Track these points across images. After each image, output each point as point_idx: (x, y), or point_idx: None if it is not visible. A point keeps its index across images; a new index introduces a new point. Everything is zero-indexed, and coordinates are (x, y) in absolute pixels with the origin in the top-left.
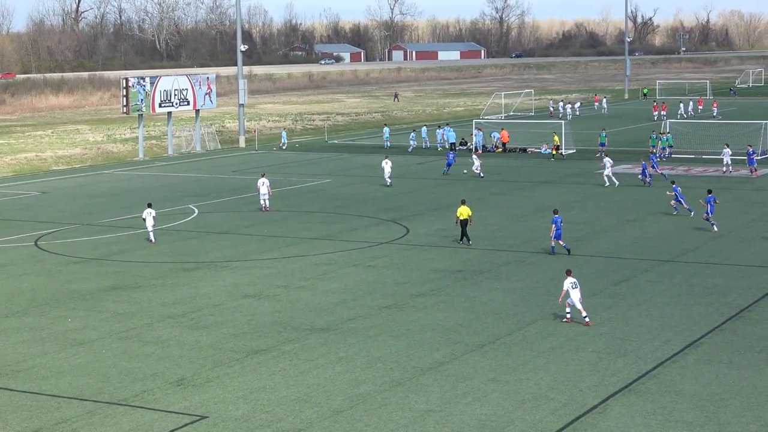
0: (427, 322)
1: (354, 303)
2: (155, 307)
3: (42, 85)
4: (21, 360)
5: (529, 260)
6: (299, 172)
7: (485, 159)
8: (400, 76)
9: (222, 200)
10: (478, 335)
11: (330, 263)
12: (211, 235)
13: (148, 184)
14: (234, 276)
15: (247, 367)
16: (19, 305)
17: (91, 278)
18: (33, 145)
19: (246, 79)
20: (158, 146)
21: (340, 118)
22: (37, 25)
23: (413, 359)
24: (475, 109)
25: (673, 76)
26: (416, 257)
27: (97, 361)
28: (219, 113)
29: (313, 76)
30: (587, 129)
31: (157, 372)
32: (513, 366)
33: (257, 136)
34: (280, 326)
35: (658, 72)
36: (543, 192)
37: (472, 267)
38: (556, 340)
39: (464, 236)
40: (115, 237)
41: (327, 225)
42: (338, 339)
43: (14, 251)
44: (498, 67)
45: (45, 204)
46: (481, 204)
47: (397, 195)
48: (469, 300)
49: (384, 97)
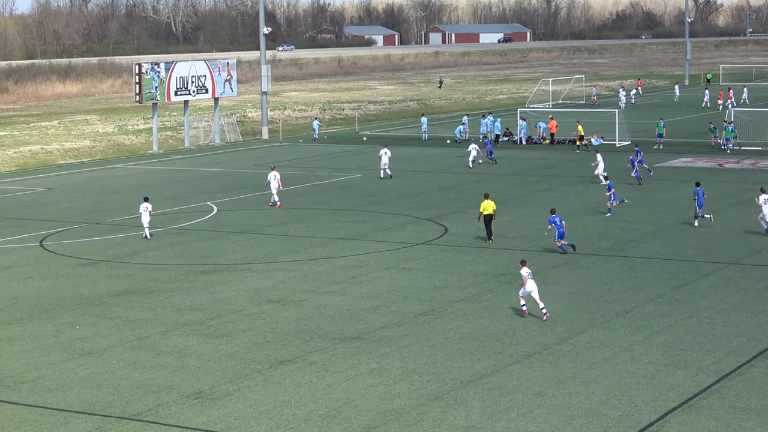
0: (467, 331)
1: (387, 309)
2: (170, 314)
3: (48, 72)
4: (25, 371)
5: (579, 263)
6: (327, 166)
7: (531, 152)
8: (437, 60)
9: (243, 197)
10: (523, 345)
11: (361, 266)
12: (231, 235)
13: (162, 179)
14: (256, 280)
15: (270, 380)
16: (23, 311)
17: (101, 282)
18: (38, 137)
19: (269, 64)
20: (174, 138)
21: (372, 107)
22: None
23: (452, 371)
24: (519, 97)
25: (739, 60)
26: (455, 259)
27: (107, 372)
28: (240, 102)
29: (342, 62)
30: (644, 118)
31: (172, 384)
32: (561, 379)
33: (282, 126)
34: (307, 334)
35: (722, 56)
36: (595, 188)
37: (517, 270)
38: (609, 351)
39: (489, 233)
40: (127, 237)
41: (358, 224)
42: (370, 349)
43: (18, 252)
44: (545, 51)
45: (51, 201)
46: (526, 201)
47: (435, 191)
48: (514, 306)
49: (420, 84)
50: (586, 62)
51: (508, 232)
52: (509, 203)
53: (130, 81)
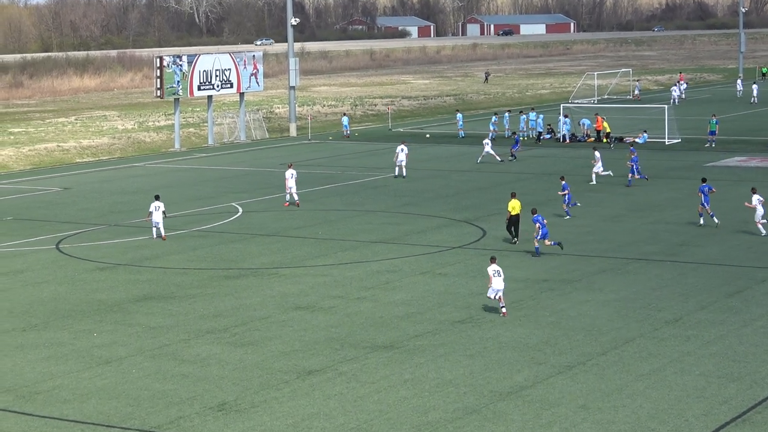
0: (506, 340)
1: (422, 317)
2: (193, 321)
3: (64, 65)
4: (40, 380)
5: (626, 268)
6: (359, 165)
7: (575, 150)
8: (475, 53)
9: (270, 197)
10: (566, 355)
11: (394, 270)
12: (257, 238)
13: (185, 178)
14: (283, 285)
15: (298, 391)
16: (38, 317)
17: (120, 287)
18: (54, 134)
19: (297, 57)
20: (197, 135)
21: (406, 103)
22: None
23: (490, 382)
24: (563, 91)
25: None
26: None
27: (127, 382)
28: (266, 97)
29: (374, 54)
30: (695, 114)
31: (195, 395)
32: (607, 391)
33: (311, 123)
34: (337, 343)
35: None
36: (642, 188)
37: (560, 276)
38: (658, 362)
39: (514, 234)
40: (147, 240)
41: (391, 226)
42: (403, 358)
43: (33, 255)
44: (590, 43)
45: (67, 201)
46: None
47: (472, 191)
48: (556, 314)
49: (457, 78)
50: (634, 55)
51: (551, 235)
52: (551, 205)
53: (151, 75)
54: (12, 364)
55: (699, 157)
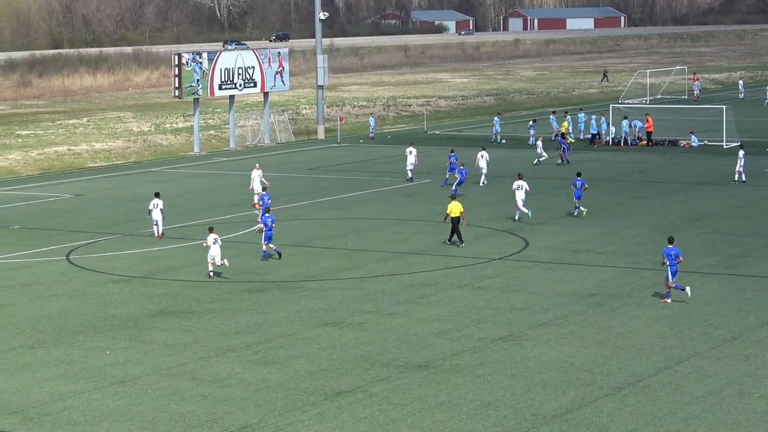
0: (550, 359)
1: (459, 334)
2: (213, 338)
3: (76, 63)
4: (49, 401)
5: (680, 282)
6: (392, 170)
7: (625, 154)
8: (517, 50)
9: (295, 205)
10: (615, 375)
11: (429, 284)
12: (282, 249)
13: (204, 184)
14: (310, 299)
15: (325, 413)
16: (47, 333)
17: (135, 301)
18: (65, 136)
19: (326, 54)
20: (218, 138)
21: (443, 103)
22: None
23: (533, 405)
24: (612, 91)
25: None
26: (537, 277)
27: (142, 403)
28: (293, 97)
29: (409, 51)
30: (755, 116)
31: (215, 418)
32: (659, 415)
33: (340, 125)
34: (367, 362)
35: None
36: (699, 195)
37: (608, 290)
38: (714, 383)
39: (456, 236)
40: (164, 250)
41: (426, 236)
42: (439, 379)
43: (42, 267)
44: (642, 38)
45: (79, 209)
46: (619, 210)
47: (514, 199)
48: (604, 331)
49: (497, 77)
50: (689, 51)
51: (598, 246)
52: (599, 213)
53: (169, 73)
54: (19, 383)
55: (761, 162)
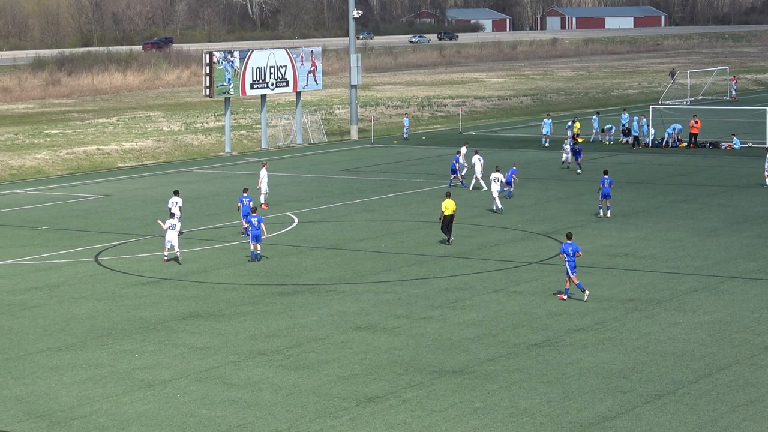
0: (588, 365)
1: (494, 339)
2: (243, 341)
3: (106, 61)
4: (76, 405)
5: (721, 287)
6: (426, 172)
7: (666, 156)
8: (555, 49)
9: (328, 207)
10: (655, 383)
11: (464, 288)
12: (314, 251)
13: (235, 185)
14: (342, 303)
15: (357, 419)
16: (75, 336)
17: (164, 303)
18: (94, 136)
19: (360, 53)
20: (249, 138)
21: (479, 103)
22: None
23: (570, 412)
24: (651, 91)
25: None
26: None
27: (171, 407)
28: (326, 96)
29: (444, 50)
30: None
31: (245, 423)
32: (699, 423)
33: (373, 125)
34: (400, 367)
35: None
36: (741, 199)
37: (647, 295)
38: (756, 391)
39: (447, 232)
40: (194, 252)
41: (461, 239)
42: (474, 385)
43: (70, 268)
44: (683, 38)
45: (108, 210)
46: (658, 214)
47: (551, 202)
48: (643, 337)
49: (535, 77)
50: (731, 51)
51: (637, 250)
52: (638, 216)
53: (200, 72)
54: (46, 387)
55: None
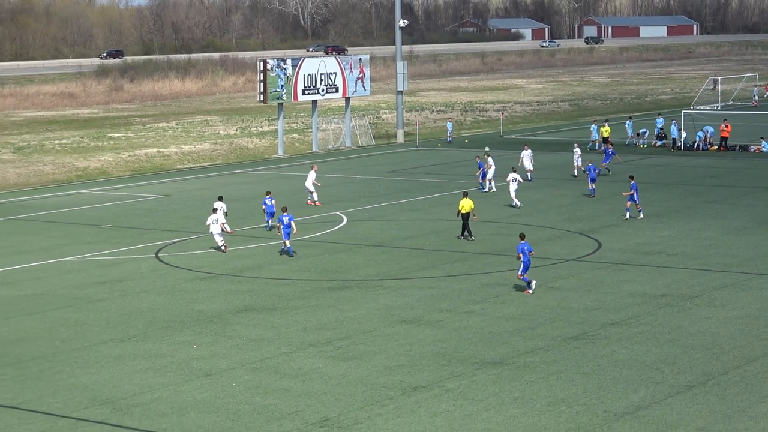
0: (622, 357)
1: (533, 332)
2: (295, 333)
3: (165, 68)
4: (138, 392)
5: (750, 283)
6: (468, 173)
7: (698, 158)
8: (592, 57)
9: (376, 206)
10: (686, 374)
11: (504, 283)
12: (362, 248)
13: (288, 186)
14: (389, 297)
15: (402, 407)
16: (137, 328)
17: (220, 297)
18: (154, 139)
19: (406, 61)
20: (301, 141)
21: (519, 108)
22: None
23: (605, 402)
24: (684, 97)
25: None
26: (610, 278)
27: (227, 395)
28: (373, 102)
29: (486, 57)
30: None
31: (296, 410)
32: (728, 413)
33: (418, 129)
34: (444, 358)
35: None
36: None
37: (679, 291)
38: None
39: (467, 231)
40: (249, 249)
41: (500, 237)
42: (513, 375)
43: (132, 264)
44: (714, 46)
45: (167, 209)
46: (690, 213)
47: (588, 202)
48: (675, 331)
49: (572, 83)
50: (761, 58)
51: (669, 248)
52: (671, 216)
53: (254, 79)
54: (110, 375)
55: None
